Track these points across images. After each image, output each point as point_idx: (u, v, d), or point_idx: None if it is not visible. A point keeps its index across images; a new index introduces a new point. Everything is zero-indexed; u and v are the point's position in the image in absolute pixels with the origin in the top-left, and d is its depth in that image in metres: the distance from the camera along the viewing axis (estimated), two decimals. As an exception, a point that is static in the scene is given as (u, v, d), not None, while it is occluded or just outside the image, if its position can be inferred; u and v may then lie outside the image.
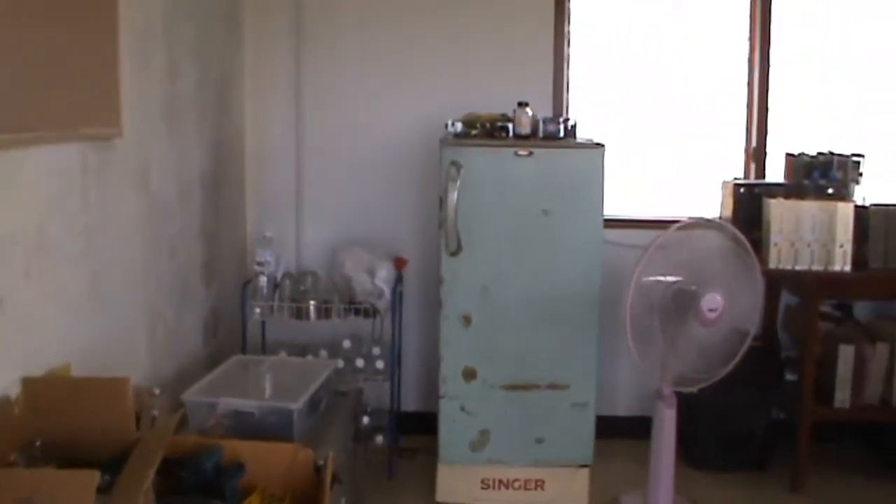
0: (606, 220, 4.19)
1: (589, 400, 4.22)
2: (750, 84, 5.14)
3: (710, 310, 3.77)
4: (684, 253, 3.89)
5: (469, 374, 4.19)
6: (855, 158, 4.74)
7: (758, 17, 5.09)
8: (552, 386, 4.20)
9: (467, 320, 4.16)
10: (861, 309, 5.03)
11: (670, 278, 3.89)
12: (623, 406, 5.16)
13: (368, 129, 5.05)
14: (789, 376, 4.83)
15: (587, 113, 4.97)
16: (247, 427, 3.21)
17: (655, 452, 4.09)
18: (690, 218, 4.05)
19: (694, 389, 3.96)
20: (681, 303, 3.84)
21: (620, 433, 4.87)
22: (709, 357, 3.89)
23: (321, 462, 2.93)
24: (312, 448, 3.02)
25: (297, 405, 3.27)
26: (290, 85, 5.03)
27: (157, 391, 3.04)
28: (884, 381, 4.60)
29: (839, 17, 5.15)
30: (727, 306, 3.79)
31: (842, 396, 4.56)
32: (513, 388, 4.20)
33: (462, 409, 4.21)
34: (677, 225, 3.88)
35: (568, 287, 4.15)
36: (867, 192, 4.70)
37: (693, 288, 3.83)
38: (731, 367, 3.92)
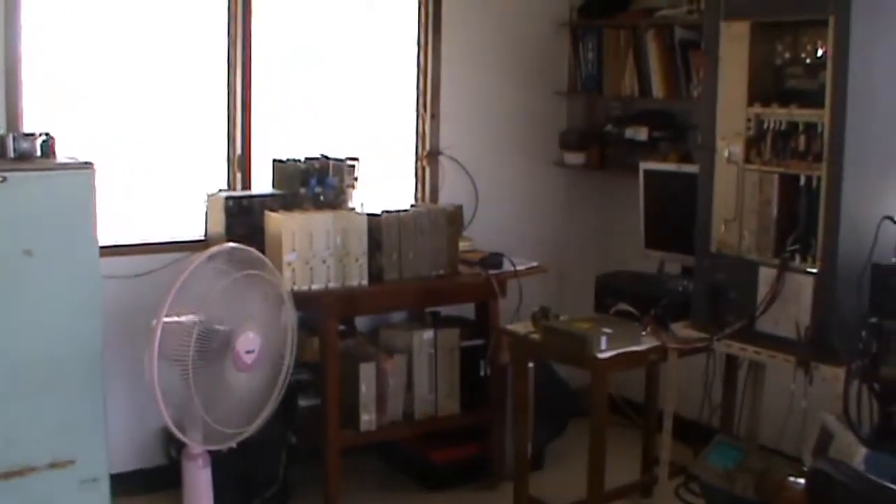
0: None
1: (101, 473, 3.60)
2: (231, 86, 4.65)
3: (248, 352, 3.27)
4: (203, 285, 3.34)
5: (-58, 468, 3.33)
6: (350, 162, 4.48)
7: (238, 16, 4.60)
8: (54, 465, 3.51)
9: (-68, 399, 3.29)
10: (360, 319, 4.79)
11: (190, 318, 3.31)
12: (115, 461, 4.41)
13: None
14: (303, 402, 4.45)
15: (51, 125, 4.11)
16: None
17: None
18: (217, 247, 3.49)
19: (233, 444, 3.43)
20: (209, 347, 3.29)
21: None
22: (249, 404, 3.39)
23: None
24: None
25: None
26: None
27: None
28: (404, 395, 4.42)
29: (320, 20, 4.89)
30: (264, 343, 3.32)
31: (368, 418, 4.29)
32: (5, 476, 3.44)
33: (-63, 514, 3.34)
34: (201, 257, 3.30)
35: (61, 341, 3.50)
36: (363, 197, 4.47)
37: (222, 328, 3.29)
38: (271, 408, 3.45)
